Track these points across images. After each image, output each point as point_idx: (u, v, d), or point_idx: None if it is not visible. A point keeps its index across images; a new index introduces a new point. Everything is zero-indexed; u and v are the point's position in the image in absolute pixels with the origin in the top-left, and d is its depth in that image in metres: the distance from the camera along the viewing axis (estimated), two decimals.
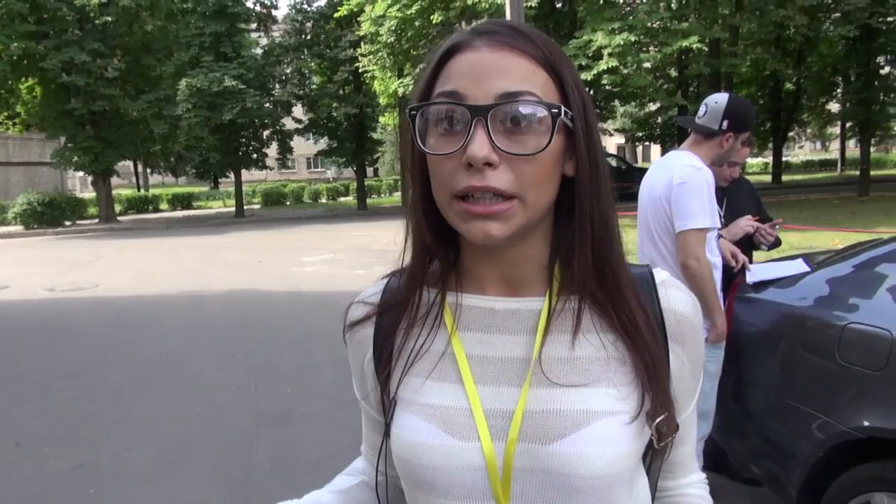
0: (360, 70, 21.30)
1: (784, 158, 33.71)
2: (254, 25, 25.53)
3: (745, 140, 2.92)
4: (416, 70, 18.67)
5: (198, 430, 4.44)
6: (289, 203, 31.69)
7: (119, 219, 24.06)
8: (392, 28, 18.19)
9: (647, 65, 17.43)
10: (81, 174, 28.42)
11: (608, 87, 16.64)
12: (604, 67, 15.23)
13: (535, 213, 0.74)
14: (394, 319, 0.84)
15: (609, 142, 42.23)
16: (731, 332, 2.73)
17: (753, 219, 3.13)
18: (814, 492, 2.31)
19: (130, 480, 3.77)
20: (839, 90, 25.90)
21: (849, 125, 29.77)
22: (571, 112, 0.72)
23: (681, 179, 2.63)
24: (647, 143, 42.82)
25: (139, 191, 34.89)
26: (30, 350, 6.81)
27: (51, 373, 5.92)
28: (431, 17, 17.24)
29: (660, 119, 28.93)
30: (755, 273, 2.87)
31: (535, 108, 0.70)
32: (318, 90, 24.86)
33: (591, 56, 15.50)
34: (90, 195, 27.31)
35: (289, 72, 25.30)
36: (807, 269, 2.73)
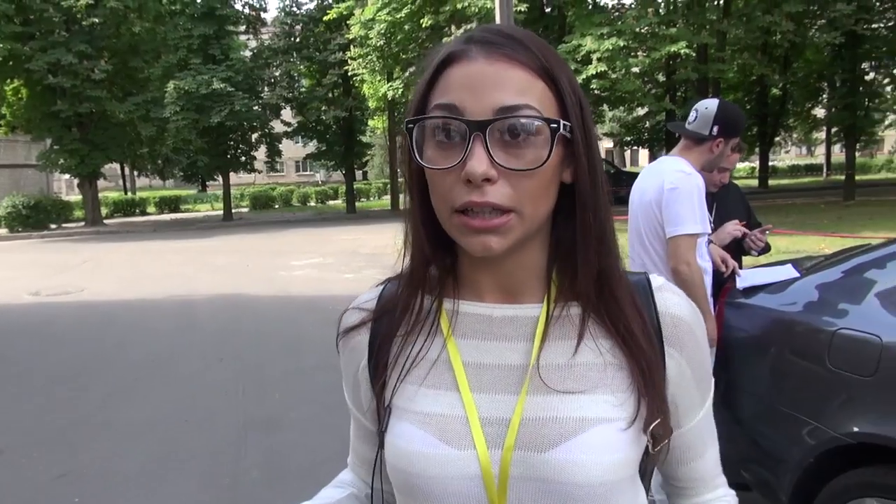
0: (350, 73, 21.32)
1: (770, 163, 34.04)
2: (242, 28, 25.50)
3: (735, 146, 2.93)
4: (406, 74, 18.72)
5: (185, 436, 4.40)
6: (277, 206, 31.65)
7: (105, 222, 23.91)
8: (381, 31, 18.22)
9: (636, 70, 17.55)
10: (67, 177, 28.27)
11: (597, 92, 16.74)
12: (593, 72, 15.35)
13: (534, 225, 0.74)
14: (390, 326, 0.83)
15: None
16: (722, 338, 2.73)
17: (741, 223, 3.15)
18: (804, 497, 2.31)
19: (116, 487, 3.72)
20: (825, 95, 26.22)
21: (834, 130, 30.22)
22: (570, 122, 0.72)
23: (671, 185, 2.64)
24: (636, 148, 43.04)
25: (126, 194, 34.72)
26: (14, 355, 6.72)
27: (36, 378, 5.85)
28: (421, 21, 17.28)
29: (648, 123, 29.10)
30: (745, 278, 2.88)
31: (534, 123, 0.69)
32: (307, 93, 24.84)
33: (580, 61, 15.60)
34: (76, 198, 27.09)
35: (278, 74, 25.27)
36: (796, 275, 2.74)
